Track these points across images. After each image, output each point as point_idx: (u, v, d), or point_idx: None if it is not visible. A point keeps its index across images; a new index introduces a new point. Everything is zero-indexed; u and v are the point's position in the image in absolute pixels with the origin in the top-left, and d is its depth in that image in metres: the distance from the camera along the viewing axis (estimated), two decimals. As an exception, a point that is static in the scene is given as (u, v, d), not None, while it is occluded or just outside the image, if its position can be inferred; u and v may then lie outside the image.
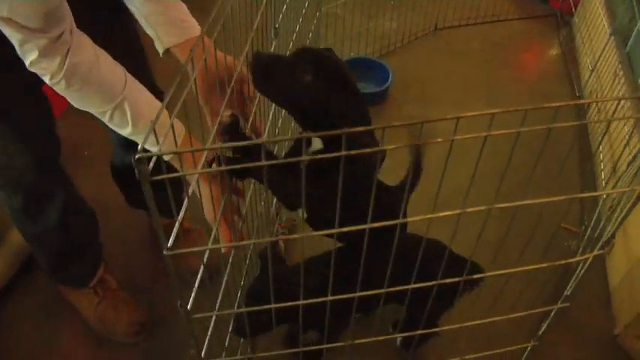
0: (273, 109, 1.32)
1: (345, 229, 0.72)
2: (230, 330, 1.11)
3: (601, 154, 1.89)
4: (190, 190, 0.80)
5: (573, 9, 2.64)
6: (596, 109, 2.04)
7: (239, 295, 1.21)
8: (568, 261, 0.93)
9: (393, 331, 1.39)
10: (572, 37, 2.61)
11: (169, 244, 0.67)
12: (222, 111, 0.88)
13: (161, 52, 1.02)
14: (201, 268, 0.82)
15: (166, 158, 0.92)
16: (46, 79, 0.87)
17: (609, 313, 1.53)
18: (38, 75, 0.86)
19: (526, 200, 0.69)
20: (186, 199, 0.75)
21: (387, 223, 0.73)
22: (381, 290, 0.88)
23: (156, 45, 1.03)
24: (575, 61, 2.48)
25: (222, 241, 0.89)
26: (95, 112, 0.92)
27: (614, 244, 1.58)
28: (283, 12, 1.23)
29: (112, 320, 1.45)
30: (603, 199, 1.60)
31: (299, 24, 1.45)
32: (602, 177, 1.81)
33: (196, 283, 0.84)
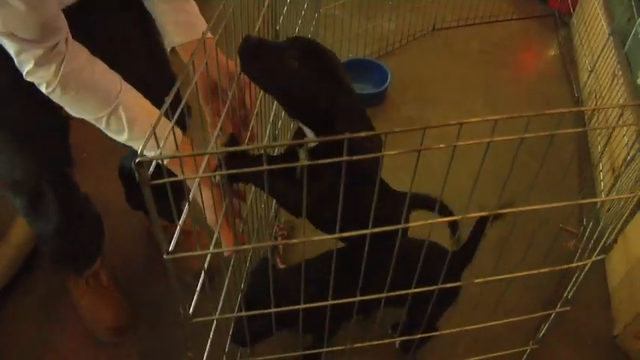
0: (274, 109, 1.32)
1: (345, 234, 0.72)
2: (229, 340, 1.11)
3: (600, 155, 1.89)
4: (191, 194, 0.80)
5: (572, 9, 2.64)
6: (596, 113, 2.04)
7: (239, 298, 1.21)
8: (570, 266, 0.93)
9: (393, 333, 1.39)
10: (570, 38, 2.62)
11: (170, 248, 0.67)
12: (223, 114, 0.88)
13: (168, 50, 1.06)
14: (202, 274, 0.82)
15: (165, 162, 0.92)
16: (43, 89, 0.88)
17: (609, 313, 1.53)
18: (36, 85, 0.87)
19: (527, 206, 0.69)
20: (187, 203, 0.75)
21: (388, 228, 0.73)
22: (380, 295, 0.88)
23: (165, 43, 1.06)
24: (573, 61, 2.48)
25: (224, 245, 0.89)
26: (92, 119, 0.93)
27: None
28: (284, 14, 1.23)
29: (95, 316, 1.46)
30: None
31: (298, 26, 1.45)
32: (601, 177, 1.82)
33: (198, 287, 0.84)
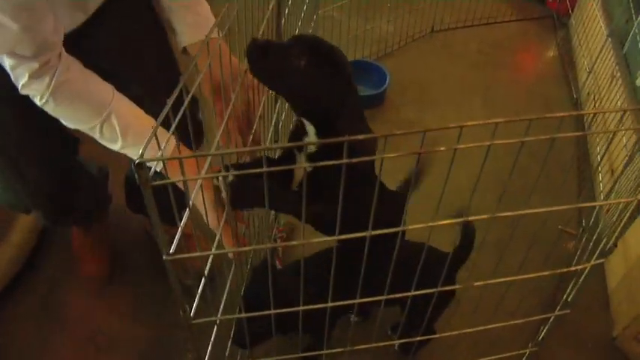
0: (276, 113, 1.33)
1: (344, 237, 0.72)
2: (230, 341, 1.11)
3: (600, 158, 1.89)
4: (192, 197, 0.80)
5: (570, 10, 2.65)
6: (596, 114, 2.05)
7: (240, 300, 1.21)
8: (569, 269, 0.93)
9: (392, 334, 1.39)
10: (569, 39, 2.62)
11: (171, 250, 0.67)
12: (226, 116, 0.88)
13: (180, 49, 1.11)
14: (203, 279, 0.82)
15: (159, 168, 0.91)
16: (37, 101, 0.90)
17: (608, 315, 1.53)
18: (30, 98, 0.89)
19: (527, 209, 0.69)
20: (188, 206, 0.75)
21: (387, 230, 0.73)
22: (380, 297, 0.88)
23: (177, 43, 1.11)
24: (572, 62, 2.48)
25: (226, 247, 0.89)
26: (86, 129, 0.94)
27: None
28: (286, 16, 1.23)
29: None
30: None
31: (298, 27, 1.45)
32: (600, 179, 1.82)
33: (199, 289, 0.84)
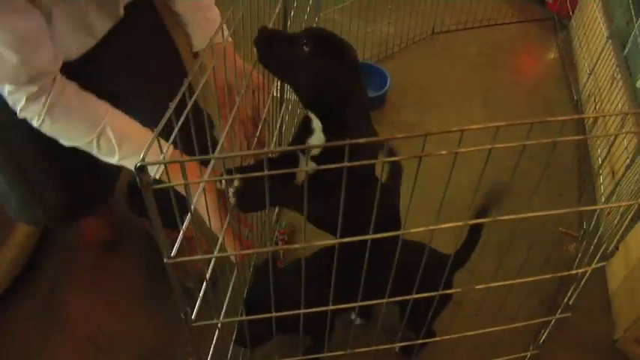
0: (281, 117, 1.33)
1: (345, 240, 0.72)
2: (233, 341, 1.11)
3: (601, 161, 1.89)
4: (195, 200, 0.80)
5: (571, 12, 2.65)
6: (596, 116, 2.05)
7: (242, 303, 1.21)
8: (570, 272, 0.93)
9: (394, 337, 1.39)
10: (569, 41, 2.62)
11: (173, 253, 0.67)
12: (230, 119, 0.89)
13: (192, 53, 1.17)
14: (204, 283, 0.82)
15: (158, 174, 0.92)
16: (34, 123, 0.91)
17: (609, 317, 1.53)
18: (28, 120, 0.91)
19: (528, 212, 0.69)
20: (190, 210, 0.75)
21: (390, 234, 0.73)
22: (380, 300, 0.88)
23: (191, 47, 1.17)
24: (572, 64, 2.48)
25: (228, 250, 0.89)
26: (83, 145, 0.95)
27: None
28: (291, 18, 1.24)
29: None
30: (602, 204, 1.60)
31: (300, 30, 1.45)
32: (601, 181, 1.82)
33: (201, 292, 0.84)
